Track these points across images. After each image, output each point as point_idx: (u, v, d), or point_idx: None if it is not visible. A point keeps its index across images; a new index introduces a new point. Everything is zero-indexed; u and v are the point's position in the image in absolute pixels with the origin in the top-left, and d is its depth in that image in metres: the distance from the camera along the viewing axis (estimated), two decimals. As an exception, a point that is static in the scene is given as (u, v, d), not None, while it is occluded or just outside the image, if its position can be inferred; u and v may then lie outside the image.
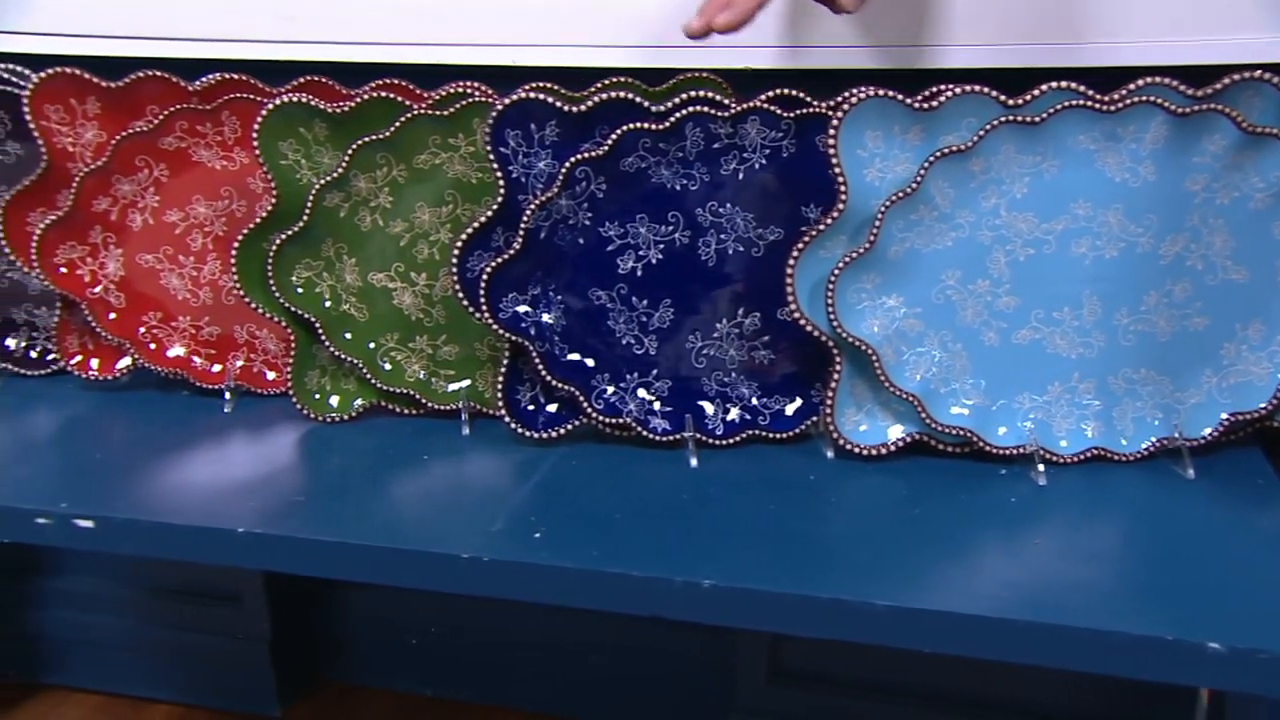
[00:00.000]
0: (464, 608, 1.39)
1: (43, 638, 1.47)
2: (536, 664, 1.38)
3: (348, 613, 1.45)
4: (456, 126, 0.78)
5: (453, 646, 1.41)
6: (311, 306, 0.79)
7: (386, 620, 1.43)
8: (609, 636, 1.34)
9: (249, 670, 1.44)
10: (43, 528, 0.66)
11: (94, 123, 0.83)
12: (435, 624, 1.44)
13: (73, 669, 1.49)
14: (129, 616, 1.45)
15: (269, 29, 0.96)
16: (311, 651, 1.47)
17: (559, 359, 0.74)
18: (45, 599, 1.45)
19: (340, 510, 0.67)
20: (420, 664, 1.44)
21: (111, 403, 0.86)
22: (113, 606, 1.45)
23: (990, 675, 1.19)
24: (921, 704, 1.22)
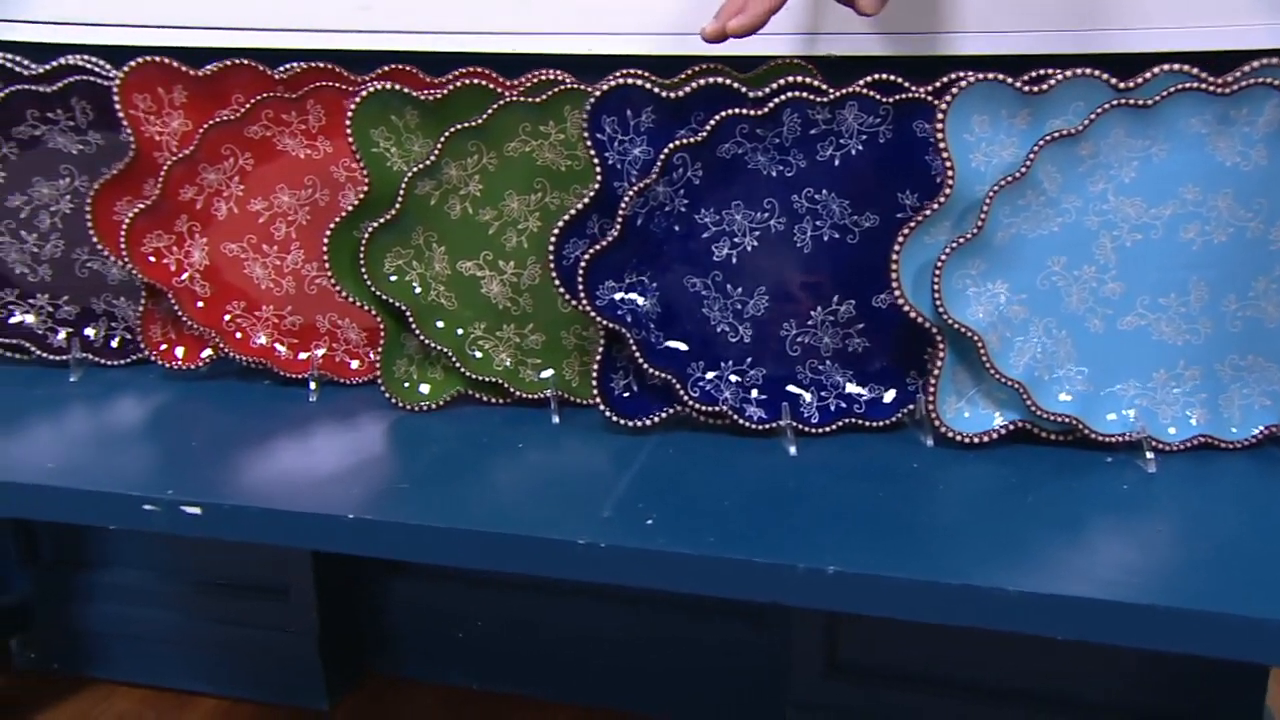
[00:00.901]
0: (511, 601, 1.39)
1: (88, 631, 1.48)
2: (585, 657, 1.38)
3: (395, 606, 1.45)
4: (547, 114, 0.77)
5: (500, 640, 1.41)
6: (402, 295, 0.79)
7: (433, 613, 1.43)
8: (659, 629, 1.34)
9: (297, 664, 1.44)
10: (150, 514, 0.66)
11: (180, 111, 0.83)
12: (482, 617, 1.44)
13: (118, 662, 1.49)
14: (175, 610, 1.46)
15: (345, 18, 0.96)
16: (358, 645, 1.47)
17: (655, 347, 0.74)
18: (91, 593, 1.46)
19: (446, 497, 0.66)
20: (467, 657, 1.44)
21: (195, 392, 0.86)
22: (158, 600, 1.46)
23: (1047, 668, 1.18)
24: (977, 696, 1.22)
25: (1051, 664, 1.19)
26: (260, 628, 1.44)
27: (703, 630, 1.32)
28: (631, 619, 1.34)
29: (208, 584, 1.45)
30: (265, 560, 1.43)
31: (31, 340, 0.89)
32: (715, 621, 1.32)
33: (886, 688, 1.26)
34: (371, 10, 0.95)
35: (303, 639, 1.43)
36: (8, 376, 0.88)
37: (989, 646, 1.20)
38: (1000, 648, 1.20)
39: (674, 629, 1.34)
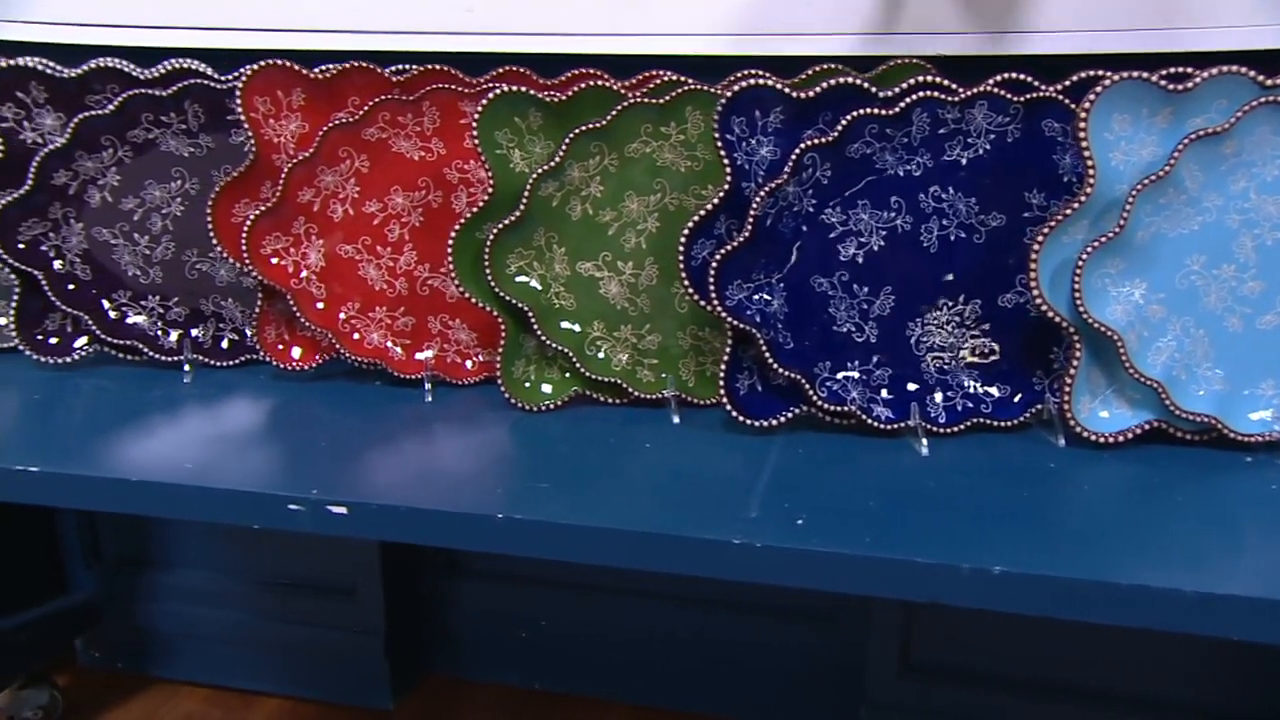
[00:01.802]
0: (576, 601, 1.39)
1: (153, 631, 1.49)
2: (650, 657, 1.38)
3: (459, 607, 1.46)
4: (669, 115, 0.78)
5: (564, 640, 1.42)
6: (526, 295, 0.79)
7: (497, 614, 1.44)
8: (726, 629, 1.34)
9: (362, 663, 1.45)
10: (295, 514, 0.66)
11: (298, 114, 0.84)
12: (546, 617, 1.45)
13: (182, 662, 1.50)
14: (240, 610, 1.47)
15: (448, 20, 0.96)
16: (419, 645, 1.48)
17: (783, 347, 0.74)
18: (156, 592, 1.47)
19: (589, 497, 0.67)
20: (530, 658, 1.44)
21: (307, 392, 0.87)
22: (223, 600, 1.47)
23: (1124, 666, 1.18)
24: (1054, 695, 1.22)
25: (1128, 662, 1.18)
26: (327, 627, 1.45)
27: (771, 630, 1.32)
28: (698, 619, 1.34)
29: (273, 584, 1.46)
30: (332, 560, 1.43)
31: (144, 341, 0.90)
32: (783, 621, 1.32)
33: (961, 687, 1.25)
34: (474, 12, 0.96)
35: (370, 639, 1.44)
36: (122, 377, 0.89)
37: (1064, 644, 1.20)
38: (1076, 645, 1.19)
39: (741, 629, 1.34)
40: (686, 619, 1.34)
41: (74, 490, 0.69)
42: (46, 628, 1.46)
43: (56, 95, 0.87)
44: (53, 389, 0.86)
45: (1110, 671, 1.18)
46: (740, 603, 1.31)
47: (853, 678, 1.28)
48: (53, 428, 0.79)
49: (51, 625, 1.47)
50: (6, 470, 0.70)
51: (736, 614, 1.32)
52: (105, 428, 0.78)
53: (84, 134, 0.86)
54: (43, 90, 0.86)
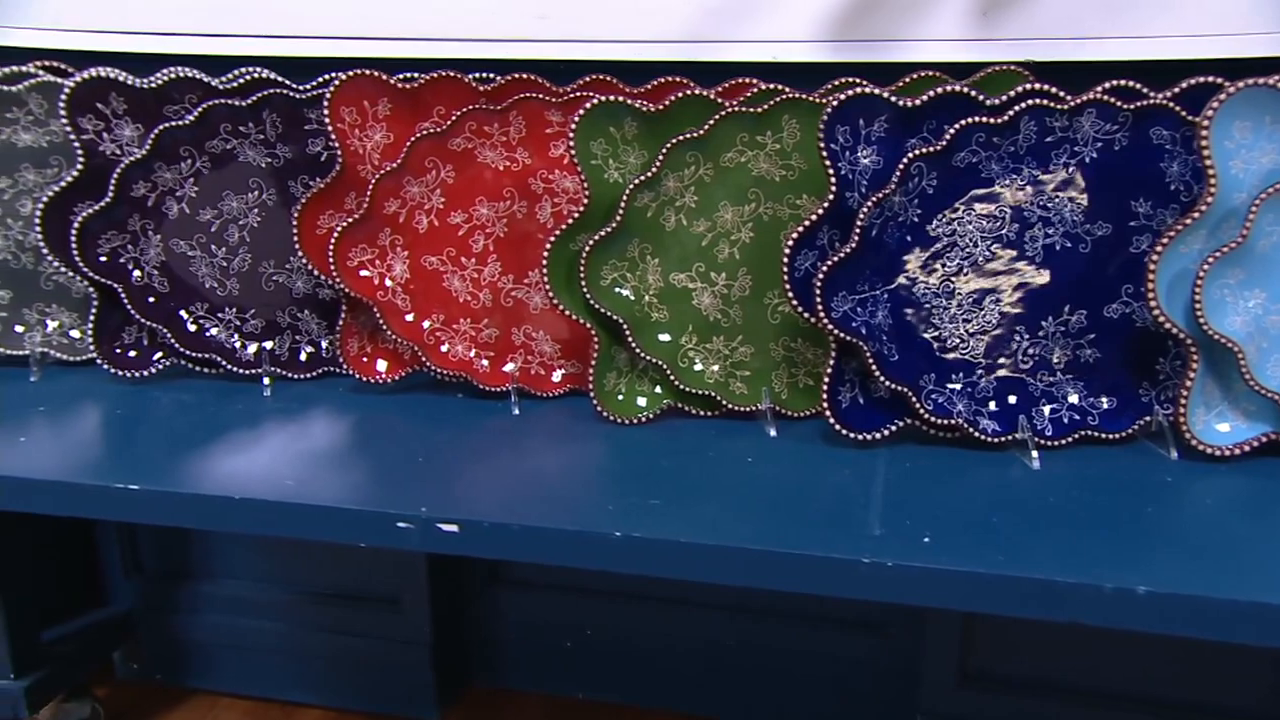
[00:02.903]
0: (622, 609, 1.38)
1: (192, 642, 1.48)
2: (698, 666, 1.37)
3: (502, 616, 1.44)
4: (766, 124, 0.77)
5: (610, 649, 1.40)
6: (620, 307, 0.78)
7: (542, 623, 1.42)
8: (776, 638, 1.33)
9: (409, 674, 1.43)
10: (404, 532, 0.65)
11: (383, 124, 0.83)
12: (592, 626, 1.44)
13: (222, 673, 1.49)
14: (281, 620, 1.46)
15: (522, 28, 0.95)
16: (464, 655, 1.47)
17: (888, 359, 0.73)
18: (196, 603, 1.46)
19: (703, 513, 0.65)
20: (574, 667, 1.43)
21: (391, 406, 0.86)
22: (264, 610, 1.45)
23: (1182, 675, 1.16)
24: (1112, 706, 1.20)
25: (1187, 671, 1.17)
26: (371, 638, 1.44)
27: (822, 638, 1.31)
28: (747, 627, 1.33)
29: (316, 594, 1.45)
30: (376, 570, 1.42)
31: (221, 354, 0.89)
32: (834, 629, 1.31)
33: (1022, 697, 1.24)
34: (549, 19, 0.95)
35: (416, 649, 1.43)
36: (200, 390, 0.88)
37: (1124, 654, 1.19)
38: (1135, 655, 1.18)
39: (791, 637, 1.33)
40: (735, 627, 1.33)
41: (175, 508, 0.68)
42: (86, 640, 1.45)
43: (135, 106, 0.86)
44: (133, 403, 0.85)
45: (1172, 680, 1.16)
46: (789, 610, 1.30)
47: (907, 687, 1.27)
48: (142, 444, 0.78)
49: (91, 637, 1.46)
50: (106, 488, 0.69)
51: (786, 622, 1.31)
52: (194, 443, 0.77)
53: (163, 145, 0.85)
54: (122, 101, 0.85)
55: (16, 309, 0.93)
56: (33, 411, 0.83)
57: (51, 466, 0.72)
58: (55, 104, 0.90)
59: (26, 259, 0.93)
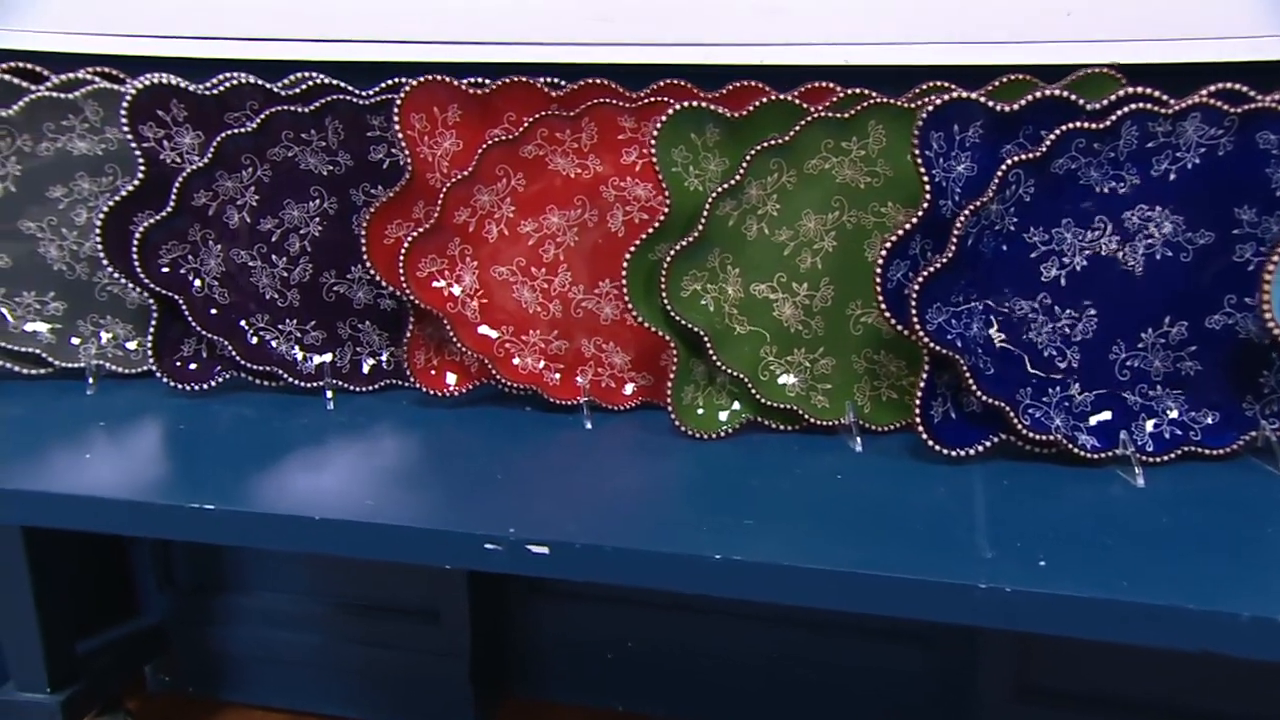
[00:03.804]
0: (665, 621, 1.36)
1: (225, 654, 1.46)
2: (742, 679, 1.34)
3: (544, 627, 1.42)
4: (851, 130, 0.74)
5: (651, 661, 1.38)
6: (701, 318, 0.76)
7: (582, 635, 1.40)
8: (822, 651, 1.30)
9: (447, 687, 1.41)
10: (491, 554, 0.63)
11: (452, 131, 0.81)
12: (633, 638, 1.41)
13: (256, 686, 1.47)
14: (316, 633, 1.44)
15: (584, 31, 0.93)
16: (503, 667, 1.44)
17: (984, 373, 0.70)
18: (229, 616, 1.44)
19: (801, 535, 0.63)
20: (615, 679, 1.40)
21: (457, 419, 0.83)
22: (299, 623, 1.43)
23: (1243, 693, 1.14)
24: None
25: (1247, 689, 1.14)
26: (409, 650, 1.42)
27: (870, 652, 1.28)
28: (793, 639, 1.30)
29: (351, 606, 1.43)
30: (414, 582, 1.40)
31: (283, 367, 0.87)
32: (883, 642, 1.28)
33: (1078, 712, 1.21)
34: (612, 22, 0.92)
35: (455, 662, 1.40)
36: (261, 404, 0.86)
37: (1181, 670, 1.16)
38: (1193, 671, 1.16)
39: (838, 651, 1.30)
40: (781, 639, 1.30)
41: (253, 529, 0.66)
42: (120, 652, 1.43)
43: (196, 113, 0.84)
44: (193, 418, 0.83)
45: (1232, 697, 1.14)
46: (837, 622, 1.28)
47: (960, 703, 1.24)
48: (210, 460, 0.75)
49: (125, 650, 1.44)
50: (179, 508, 0.67)
51: (833, 634, 1.29)
52: (263, 460, 0.75)
53: (225, 153, 0.83)
54: (182, 108, 0.83)
55: (71, 321, 0.91)
56: (93, 426, 0.81)
57: (121, 485, 0.70)
58: (112, 111, 0.88)
59: (81, 269, 0.91)
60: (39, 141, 0.87)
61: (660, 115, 0.73)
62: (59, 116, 0.87)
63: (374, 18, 0.97)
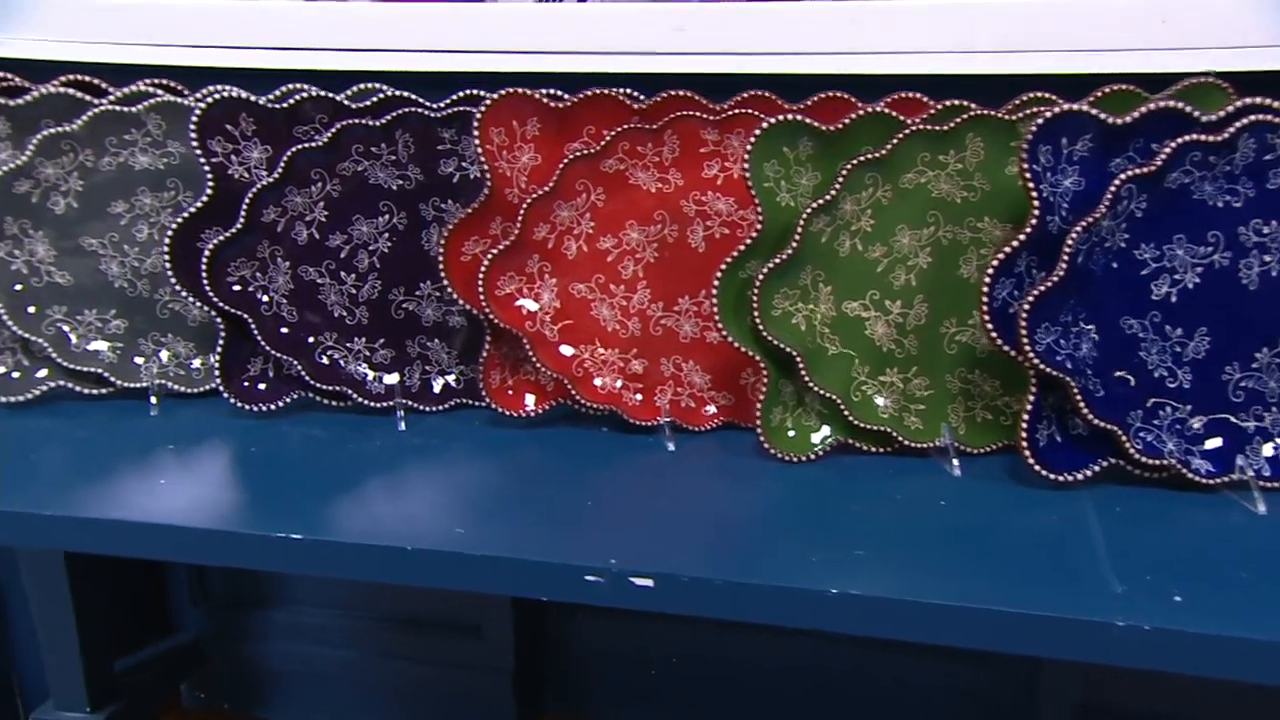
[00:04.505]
0: (708, 636, 1.33)
1: (262, 670, 1.43)
2: (788, 696, 1.32)
3: (588, 642, 1.40)
4: (949, 143, 0.72)
5: (696, 678, 1.35)
6: (793, 338, 0.73)
7: (626, 651, 1.37)
8: (870, 667, 1.28)
9: (490, 704, 1.39)
10: (593, 586, 0.60)
11: (531, 145, 0.78)
12: (677, 654, 1.39)
13: (292, 703, 1.44)
14: (354, 648, 1.41)
15: (658, 40, 0.91)
16: (544, 683, 1.42)
17: (1094, 394, 0.68)
18: (266, 631, 1.42)
19: (917, 567, 0.60)
20: (660, 696, 1.38)
21: (534, 441, 0.81)
22: (337, 638, 1.41)
23: None
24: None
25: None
26: (450, 666, 1.39)
27: (928, 669, 1.25)
28: (845, 655, 1.28)
29: (391, 620, 1.40)
30: (456, 595, 1.38)
31: (352, 386, 0.84)
32: (942, 660, 1.26)
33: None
34: (686, 31, 0.90)
35: (498, 677, 1.38)
36: (330, 425, 0.83)
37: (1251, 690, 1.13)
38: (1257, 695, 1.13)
39: (895, 668, 1.27)
40: (832, 655, 1.28)
41: (343, 559, 0.64)
42: (157, 669, 1.42)
43: (264, 127, 0.81)
44: (263, 439, 0.81)
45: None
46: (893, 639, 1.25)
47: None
48: (289, 486, 0.73)
49: (161, 667, 1.42)
50: (266, 538, 0.64)
51: (889, 650, 1.26)
52: (343, 485, 0.73)
53: (296, 168, 0.80)
54: (251, 122, 0.81)
55: (132, 339, 0.88)
56: (163, 450, 0.78)
57: (201, 513, 0.68)
58: (174, 125, 0.86)
59: (143, 286, 0.88)
60: (101, 156, 0.85)
61: (749, 129, 0.71)
62: (122, 131, 0.85)
63: (437, 27, 0.94)
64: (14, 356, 0.87)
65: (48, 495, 0.70)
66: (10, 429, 0.82)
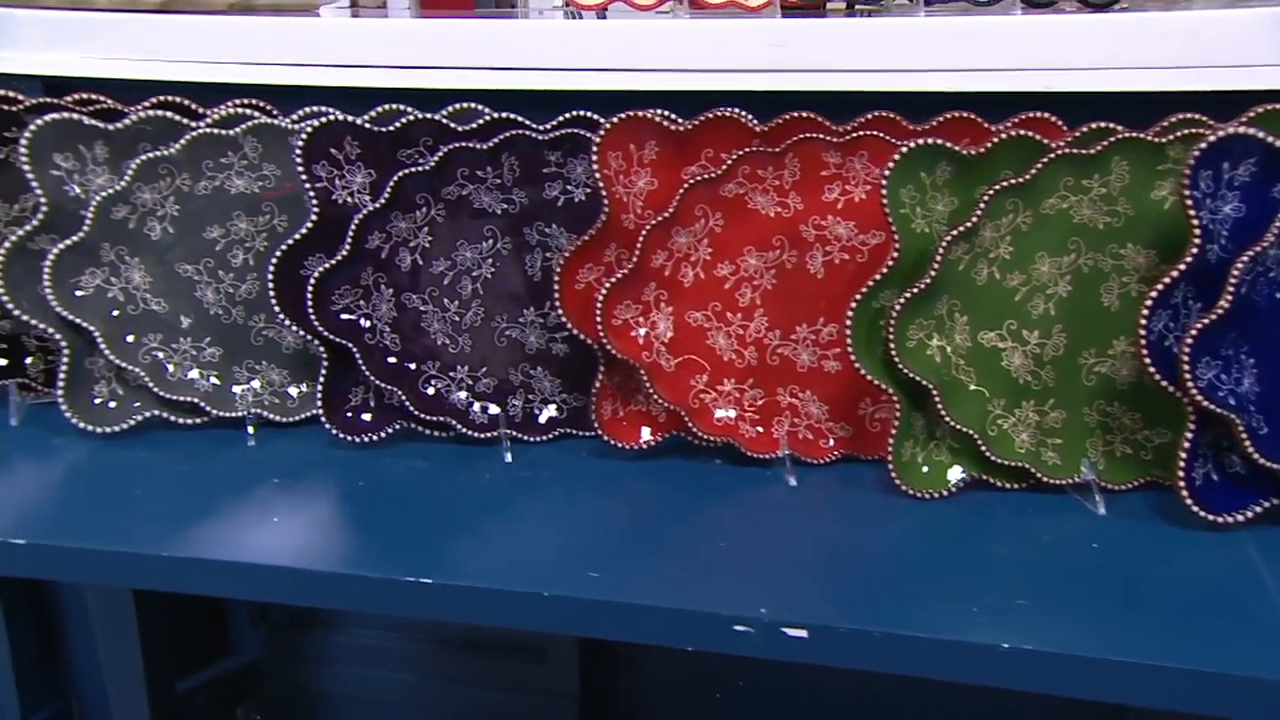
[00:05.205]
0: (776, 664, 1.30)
1: (319, 692, 1.41)
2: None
3: (653, 665, 1.37)
4: (1094, 167, 0.69)
5: (763, 702, 1.32)
6: (929, 370, 0.70)
7: (692, 672, 1.34)
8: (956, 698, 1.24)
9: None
10: (742, 637, 0.58)
11: (648, 169, 0.76)
12: (743, 677, 1.36)
13: None
14: (415, 671, 1.38)
15: (755, 56, 0.88)
16: (611, 706, 1.39)
17: (1257, 432, 0.65)
18: (325, 654, 1.39)
19: (1089, 618, 0.57)
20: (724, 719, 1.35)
21: (648, 474, 0.77)
22: (397, 660, 1.38)
23: None
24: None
25: None
26: (513, 690, 1.36)
27: (1007, 701, 1.22)
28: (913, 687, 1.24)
29: (452, 642, 1.38)
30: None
31: (455, 416, 0.82)
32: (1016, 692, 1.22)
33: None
34: (787, 47, 0.87)
35: (562, 703, 1.35)
36: (433, 456, 0.80)
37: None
38: None
39: (972, 698, 1.24)
40: (906, 686, 1.24)
41: (478, 605, 0.61)
42: (217, 692, 1.40)
43: (368, 150, 0.79)
44: (368, 472, 0.78)
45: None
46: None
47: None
48: (405, 523, 0.70)
49: (220, 688, 1.40)
50: (395, 582, 0.62)
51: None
52: (461, 522, 0.70)
53: (402, 192, 0.78)
54: (355, 145, 0.79)
55: (227, 367, 0.86)
56: (267, 484, 0.76)
57: (321, 553, 0.66)
58: (271, 147, 0.84)
59: (238, 313, 0.86)
60: (197, 180, 0.83)
61: (873, 151, 0.70)
62: (219, 154, 0.83)
63: (531, 45, 0.92)
64: (108, 385, 0.85)
65: (162, 534, 0.68)
66: (108, 461, 0.80)
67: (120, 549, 0.64)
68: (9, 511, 0.73)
